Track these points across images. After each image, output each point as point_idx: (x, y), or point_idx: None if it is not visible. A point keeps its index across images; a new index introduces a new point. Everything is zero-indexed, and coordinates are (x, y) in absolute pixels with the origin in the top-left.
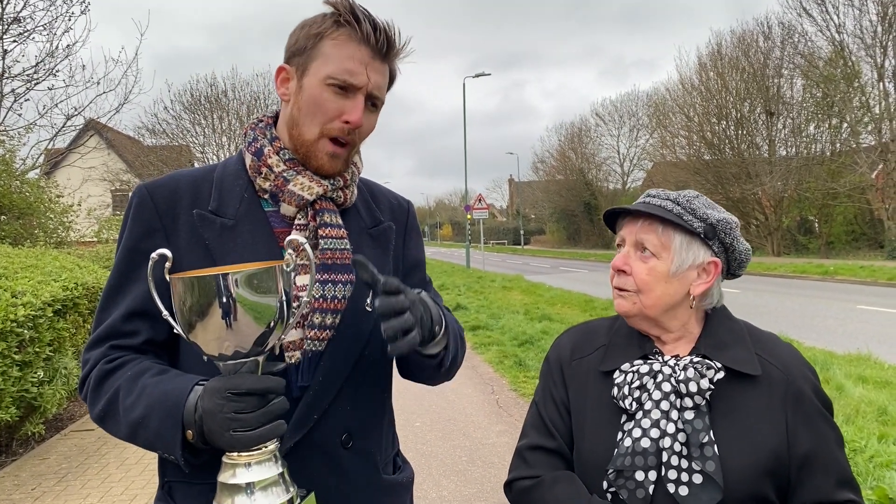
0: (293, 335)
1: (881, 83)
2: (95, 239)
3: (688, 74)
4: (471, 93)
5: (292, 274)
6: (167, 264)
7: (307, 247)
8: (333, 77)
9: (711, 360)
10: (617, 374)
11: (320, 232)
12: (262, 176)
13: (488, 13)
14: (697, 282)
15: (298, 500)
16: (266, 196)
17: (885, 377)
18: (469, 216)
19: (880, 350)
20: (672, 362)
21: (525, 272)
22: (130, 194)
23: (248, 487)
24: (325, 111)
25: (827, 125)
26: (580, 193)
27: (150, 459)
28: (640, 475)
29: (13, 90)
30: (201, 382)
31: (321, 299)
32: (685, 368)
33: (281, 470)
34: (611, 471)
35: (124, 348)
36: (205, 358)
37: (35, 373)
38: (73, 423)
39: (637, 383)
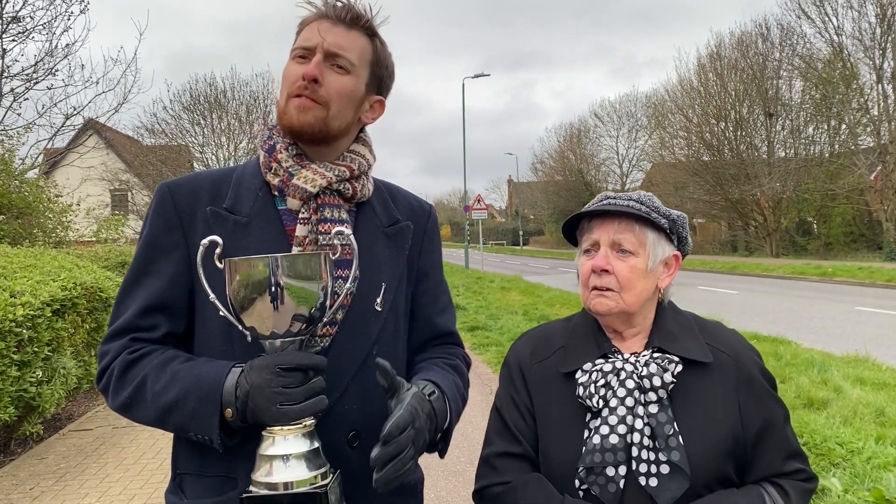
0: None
1: (880, 85)
2: (94, 239)
3: (687, 75)
4: (480, 93)
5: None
6: (217, 250)
7: (352, 238)
8: (295, 48)
9: (669, 353)
10: (579, 373)
11: (320, 227)
12: (272, 172)
13: (499, 13)
14: (664, 275)
15: (331, 475)
16: (277, 194)
17: (883, 379)
18: (468, 216)
19: (878, 351)
20: (633, 359)
21: (524, 273)
22: (154, 192)
23: (285, 457)
24: (289, 77)
25: (825, 127)
26: (579, 194)
27: (149, 460)
28: (610, 470)
29: (12, 89)
30: (238, 365)
31: None
32: (647, 364)
33: (316, 446)
34: (581, 468)
35: (145, 341)
36: (248, 338)
37: (33, 373)
38: (72, 422)
39: (602, 381)
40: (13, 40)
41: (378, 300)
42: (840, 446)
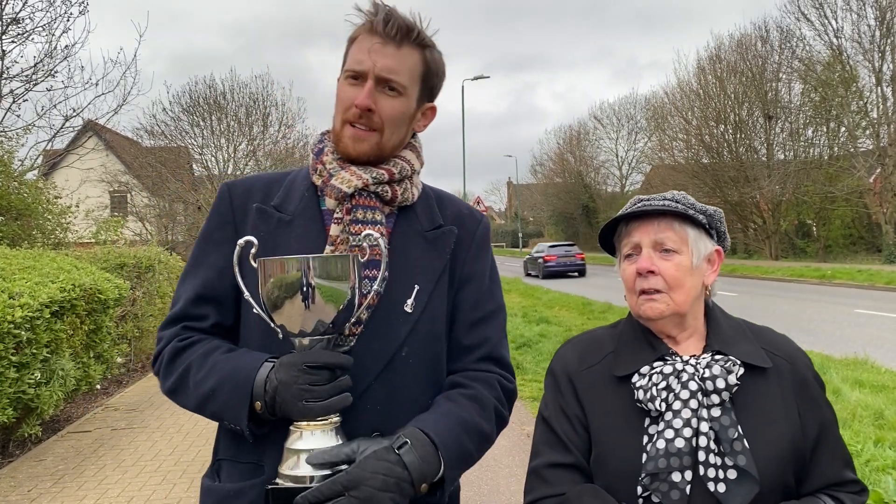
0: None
1: (879, 87)
2: (93, 240)
3: (686, 78)
4: (481, 95)
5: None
6: (252, 250)
7: (381, 241)
8: (347, 69)
9: (729, 356)
10: (637, 377)
11: (352, 228)
12: (317, 173)
13: (500, 15)
14: (708, 272)
15: None
16: (321, 194)
17: (882, 381)
18: None
19: (877, 354)
20: (693, 361)
21: (523, 275)
22: (217, 190)
23: (311, 453)
24: (343, 100)
25: (825, 129)
26: (578, 196)
27: (147, 462)
28: (675, 476)
29: (12, 91)
30: (271, 359)
31: None
32: (709, 366)
33: (341, 442)
34: (644, 475)
35: (195, 330)
36: (280, 336)
37: (32, 374)
38: (70, 424)
39: (663, 384)
40: (12, 42)
41: (409, 302)
42: None
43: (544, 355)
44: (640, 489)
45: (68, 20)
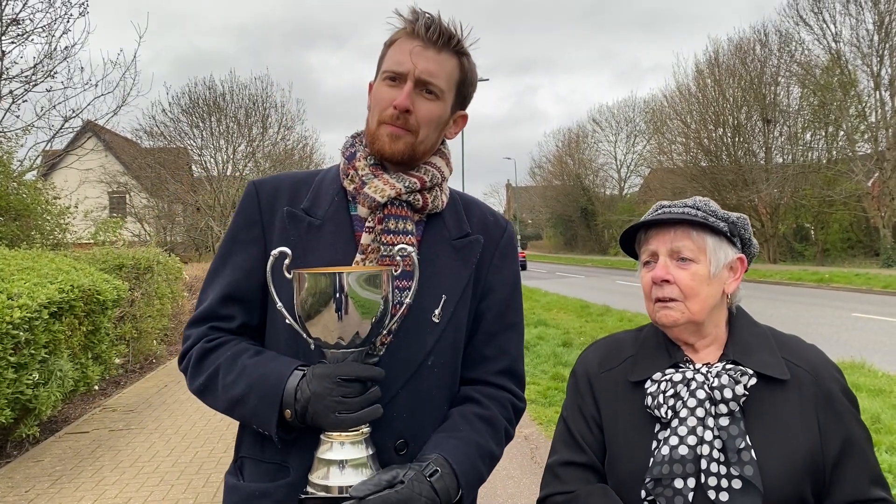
0: None
1: (877, 92)
2: (92, 241)
3: (685, 81)
4: (483, 98)
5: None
6: (286, 261)
7: (414, 255)
8: (386, 70)
9: (743, 366)
10: (648, 383)
11: (383, 238)
12: (349, 178)
13: (503, 18)
14: (729, 280)
15: None
16: (351, 199)
17: (879, 385)
18: None
19: (874, 358)
20: (704, 369)
21: (522, 277)
22: (244, 188)
23: (341, 464)
24: (381, 101)
25: (823, 133)
26: (577, 199)
27: (144, 463)
28: (678, 483)
29: (11, 91)
30: (301, 367)
31: None
32: (718, 375)
33: (371, 453)
34: (648, 479)
35: (222, 330)
36: (312, 346)
37: (30, 375)
38: (68, 425)
39: (671, 391)
40: (12, 42)
41: (437, 311)
42: None
43: (542, 358)
44: (643, 493)
45: (68, 21)
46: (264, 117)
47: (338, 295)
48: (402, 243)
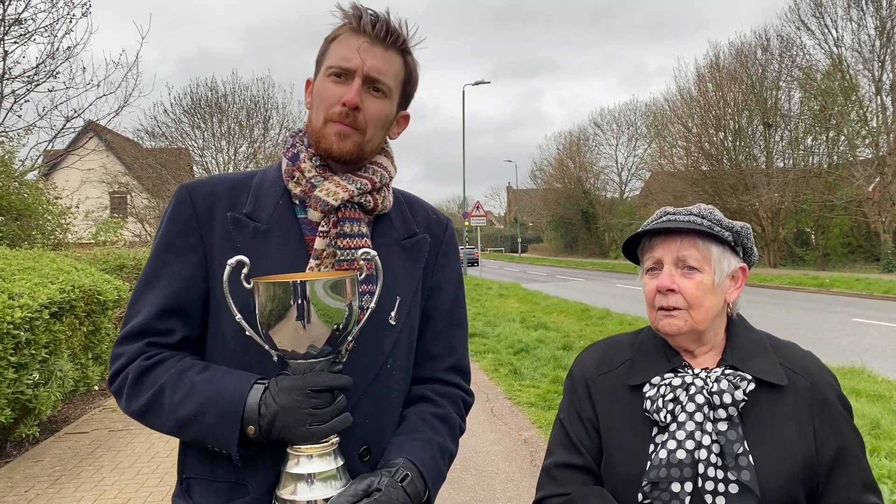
0: None
1: (878, 97)
2: (93, 241)
3: (686, 85)
4: (486, 100)
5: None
6: (244, 270)
7: (377, 259)
8: (332, 66)
9: (742, 372)
10: (647, 387)
11: (339, 242)
12: (294, 181)
13: (509, 21)
14: (731, 289)
15: None
16: (298, 203)
17: (879, 390)
18: (466, 223)
19: (874, 363)
20: (703, 374)
21: (522, 280)
22: (173, 193)
23: (309, 477)
24: (326, 98)
25: (824, 138)
26: (578, 202)
27: (144, 463)
28: (675, 486)
29: (13, 91)
30: (260, 381)
31: None
32: (717, 380)
33: (340, 464)
34: (646, 483)
35: (161, 346)
36: (274, 358)
37: (30, 375)
38: (68, 425)
39: (670, 395)
40: (15, 42)
41: (392, 314)
42: None
43: (542, 361)
44: (640, 496)
45: (70, 21)
46: (266, 118)
47: (304, 304)
48: (359, 246)
